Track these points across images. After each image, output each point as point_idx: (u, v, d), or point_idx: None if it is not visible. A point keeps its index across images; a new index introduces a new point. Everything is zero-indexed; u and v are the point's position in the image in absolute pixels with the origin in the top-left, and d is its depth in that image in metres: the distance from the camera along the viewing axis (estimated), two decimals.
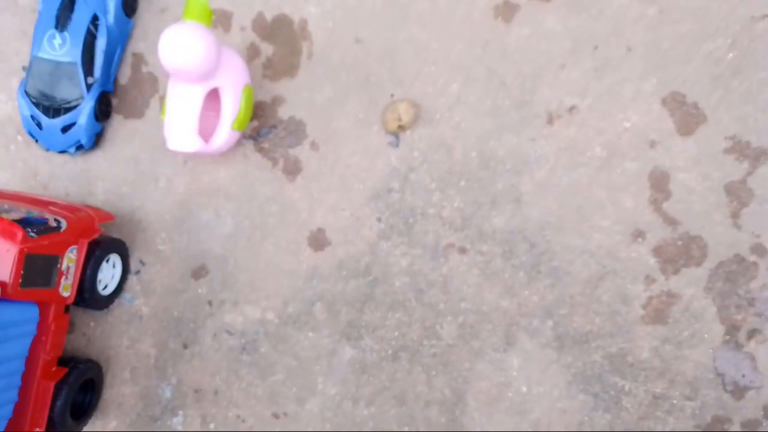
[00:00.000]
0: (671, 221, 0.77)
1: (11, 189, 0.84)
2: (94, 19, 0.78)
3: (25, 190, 0.83)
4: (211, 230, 0.81)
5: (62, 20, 0.77)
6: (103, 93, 0.80)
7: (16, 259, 0.63)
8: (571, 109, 0.79)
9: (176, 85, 0.68)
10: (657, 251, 0.77)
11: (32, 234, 0.65)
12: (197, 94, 0.67)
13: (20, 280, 0.64)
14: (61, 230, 0.69)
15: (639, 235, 0.77)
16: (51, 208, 0.72)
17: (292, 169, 0.81)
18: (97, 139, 0.82)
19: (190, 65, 0.64)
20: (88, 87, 0.78)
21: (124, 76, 0.83)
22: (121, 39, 0.82)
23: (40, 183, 0.83)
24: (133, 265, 0.81)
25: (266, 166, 0.81)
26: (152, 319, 0.81)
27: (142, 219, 0.82)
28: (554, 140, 0.79)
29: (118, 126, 0.83)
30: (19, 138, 0.84)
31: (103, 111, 0.81)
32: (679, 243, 0.76)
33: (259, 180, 0.81)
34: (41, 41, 0.78)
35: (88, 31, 0.77)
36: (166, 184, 0.82)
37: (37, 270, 0.66)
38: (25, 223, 0.66)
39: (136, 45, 0.84)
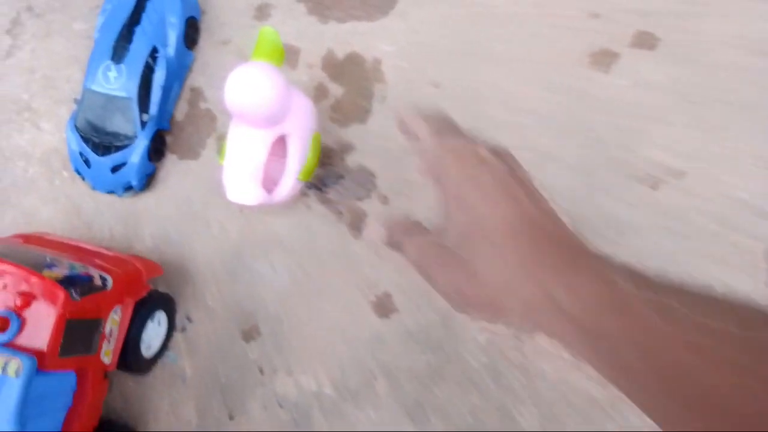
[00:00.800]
0: None
1: (52, 225, 0.77)
2: (153, 52, 0.72)
3: (67, 228, 0.77)
4: (266, 285, 0.73)
5: (119, 51, 0.71)
6: (158, 131, 0.74)
7: (56, 326, 0.56)
8: (677, 173, 0.70)
9: (240, 128, 0.60)
10: None
11: (75, 297, 0.58)
12: (263, 141, 0.59)
13: (59, 349, 0.56)
14: (107, 289, 0.62)
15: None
16: (96, 261, 0.65)
17: (359, 225, 0.73)
18: (148, 180, 0.75)
19: (258, 110, 0.56)
20: (143, 124, 0.72)
21: (181, 112, 0.77)
22: (180, 73, 0.76)
23: (83, 222, 0.77)
24: (180, 321, 0.74)
25: (330, 219, 0.74)
26: (196, 382, 0.73)
27: (192, 269, 0.74)
28: (655, 207, 0.70)
29: (171, 166, 0.76)
30: (65, 173, 0.78)
31: (157, 150, 0.74)
32: None
33: (322, 233, 0.73)
34: (95, 73, 0.71)
35: (146, 64, 0.71)
36: (219, 231, 0.75)
37: (78, 336, 0.59)
38: (68, 281, 0.59)
39: (196, 79, 0.77)
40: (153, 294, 0.69)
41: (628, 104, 0.72)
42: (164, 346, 0.74)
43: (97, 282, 0.62)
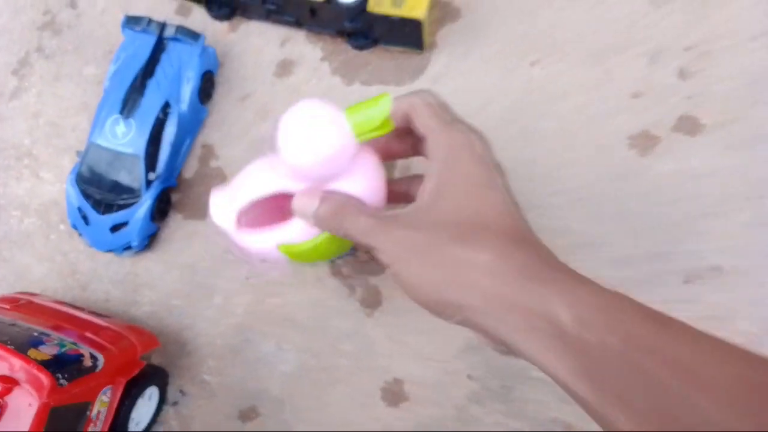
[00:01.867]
0: None
1: (45, 284, 0.72)
2: (165, 107, 0.68)
3: (61, 288, 0.72)
4: (270, 365, 0.68)
5: (129, 105, 0.67)
6: (164, 189, 0.69)
7: (37, 416, 0.51)
8: (715, 269, 0.65)
9: (273, 162, 0.46)
10: None
11: (62, 381, 0.53)
12: (274, 179, 0.47)
13: None
14: (97, 370, 0.57)
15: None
16: (88, 335, 0.60)
17: (372, 302, 0.68)
18: (150, 240, 0.71)
19: (303, 152, 0.40)
20: (148, 183, 0.67)
21: (190, 169, 0.72)
22: (192, 129, 0.72)
23: (78, 282, 0.72)
24: (171, 394, 0.68)
25: (342, 294, 0.69)
26: None
27: (190, 341, 0.69)
28: (692, 305, 0.65)
29: (176, 226, 0.71)
30: (62, 227, 0.73)
31: (161, 210, 0.70)
32: None
33: (334, 310, 0.68)
34: (103, 126, 0.67)
35: (157, 119, 0.67)
36: (223, 302, 0.70)
37: (62, 423, 0.54)
38: (55, 362, 0.54)
39: (208, 135, 0.73)
40: (146, 370, 0.64)
41: (669, 192, 0.68)
42: (153, 421, 0.68)
43: (88, 363, 0.57)
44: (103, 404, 0.59)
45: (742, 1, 0.70)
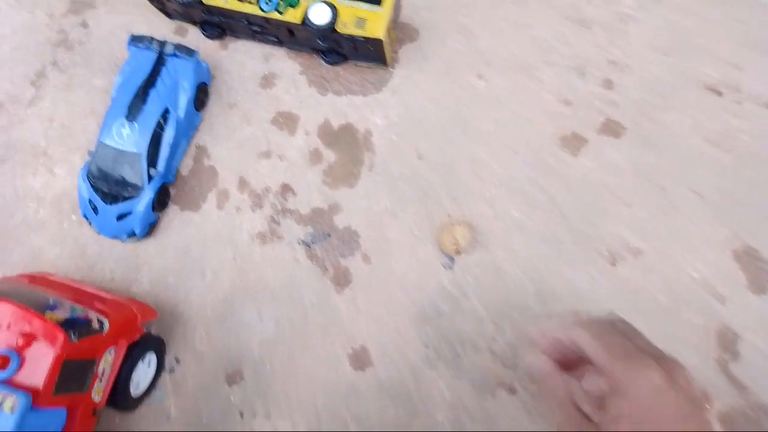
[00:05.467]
0: (739, 385, 0.72)
1: (57, 265, 0.83)
2: (165, 112, 0.79)
3: (71, 268, 0.82)
4: (252, 332, 0.78)
5: (133, 111, 0.78)
6: (164, 184, 0.80)
7: (53, 366, 0.61)
8: (635, 251, 0.76)
9: None
10: (724, 419, 0.72)
11: (74, 339, 0.63)
12: None
13: (54, 388, 0.61)
14: (104, 332, 0.67)
15: (705, 399, 0.72)
16: (96, 304, 0.71)
17: (342, 280, 0.79)
18: (150, 229, 0.81)
19: None
20: (150, 178, 0.78)
21: (186, 167, 0.84)
22: (188, 132, 0.83)
23: (86, 263, 0.82)
24: (168, 362, 0.78)
25: (316, 274, 0.79)
26: (179, 421, 0.77)
27: (184, 313, 0.80)
28: (615, 281, 0.76)
29: (173, 216, 0.82)
30: (73, 217, 0.84)
31: (161, 202, 0.81)
32: (749, 412, 0.71)
33: (307, 286, 0.79)
34: (110, 128, 0.78)
35: (157, 123, 0.78)
36: (213, 278, 0.80)
37: (72, 375, 0.64)
38: (68, 323, 0.65)
39: (201, 137, 0.84)
40: (146, 336, 0.74)
41: (593, 185, 0.79)
42: (152, 386, 0.78)
43: (95, 325, 0.67)
44: (107, 363, 0.69)
45: (655, 19, 0.83)
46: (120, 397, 0.71)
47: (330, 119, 0.82)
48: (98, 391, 0.68)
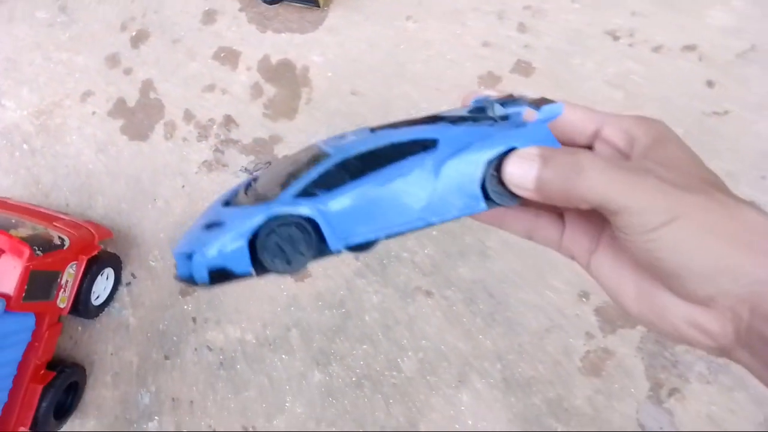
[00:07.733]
0: None
1: (12, 193, 0.88)
2: None
3: (26, 196, 0.88)
4: None
5: None
6: None
7: (21, 276, 0.69)
8: None
9: None
10: (599, 311, 0.87)
11: (38, 252, 0.70)
12: None
13: (23, 295, 0.69)
14: (65, 248, 0.75)
15: (584, 295, 0.87)
16: (55, 224, 0.77)
17: None
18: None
19: None
20: None
21: (132, 99, 0.89)
22: None
23: (41, 191, 0.88)
24: (125, 277, 0.87)
25: None
26: (138, 330, 0.87)
27: (138, 235, 0.87)
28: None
29: (124, 146, 0.88)
30: (25, 146, 0.88)
31: None
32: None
33: None
34: None
35: None
36: (164, 205, 0.88)
37: (39, 285, 0.72)
38: (31, 240, 0.72)
39: (148, 71, 0.89)
40: (103, 253, 0.82)
41: None
42: (111, 298, 0.87)
43: (56, 241, 0.75)
44: (70, 275, 0.77)
45: None
46: (82, 306, 0.79)
47: (270, 55, 0.88)
48: (63, 300, 0.76)
